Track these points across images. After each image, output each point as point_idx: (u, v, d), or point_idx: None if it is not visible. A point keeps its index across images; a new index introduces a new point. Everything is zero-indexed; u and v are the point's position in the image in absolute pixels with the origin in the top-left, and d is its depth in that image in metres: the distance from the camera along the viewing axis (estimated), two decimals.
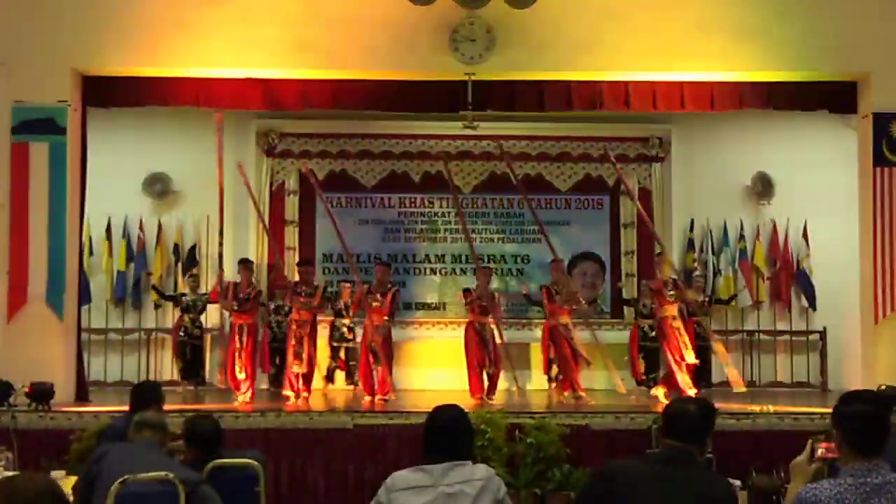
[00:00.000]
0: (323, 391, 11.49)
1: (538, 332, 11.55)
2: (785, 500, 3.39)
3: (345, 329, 11.80)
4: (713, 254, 12.78)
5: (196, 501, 4.37)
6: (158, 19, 9.98)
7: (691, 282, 11.53)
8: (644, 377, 11.70)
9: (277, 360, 11.38)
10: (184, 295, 11.94)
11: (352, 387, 11.65)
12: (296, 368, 10.30)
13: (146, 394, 5.54)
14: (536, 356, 11.88)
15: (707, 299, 12.00)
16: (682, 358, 10.23)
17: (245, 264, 10.91)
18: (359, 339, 11.24)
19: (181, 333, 11.78)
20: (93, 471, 4.45)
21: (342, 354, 11.87)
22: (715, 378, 11.78)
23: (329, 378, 11.86)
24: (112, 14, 9.94)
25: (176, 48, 9.97)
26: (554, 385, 10.93)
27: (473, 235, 12.84)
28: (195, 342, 11.78)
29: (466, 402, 9.40)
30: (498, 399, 10.48)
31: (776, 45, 9.99)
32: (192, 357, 11.74)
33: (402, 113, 11.36)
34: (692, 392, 9.82)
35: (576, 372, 10.57)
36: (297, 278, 10.90)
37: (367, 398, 10.17)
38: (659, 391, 10.35)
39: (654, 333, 11.31)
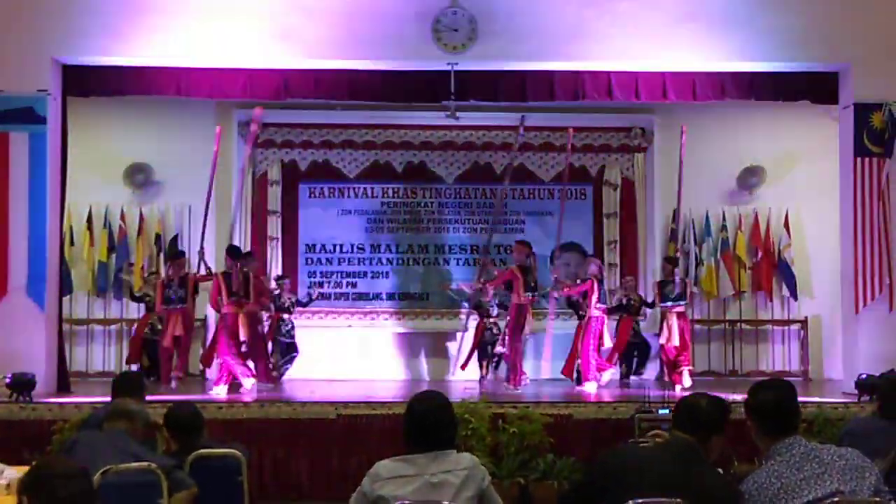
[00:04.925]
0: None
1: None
2: None
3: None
4: (696, 244, 12.81)
5: (170, 486, 4.40)
6: (139, 8, 9.90)
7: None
8: (627, 370, 11.80)
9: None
10: (148, 295, 11.72)
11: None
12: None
13: (128, 384, 5.54)
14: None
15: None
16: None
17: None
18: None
19: (147, 331, 11.65)
20: None
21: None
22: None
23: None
24: (92, 3, 9.85)
25: (157, 37, 9.89)
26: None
27: (457, 225, 12.91)
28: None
29: (456, 391, 9.44)
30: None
31: (758, 35, 9.99)
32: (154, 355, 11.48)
33: (385, 103, 11.32)
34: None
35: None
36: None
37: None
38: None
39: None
